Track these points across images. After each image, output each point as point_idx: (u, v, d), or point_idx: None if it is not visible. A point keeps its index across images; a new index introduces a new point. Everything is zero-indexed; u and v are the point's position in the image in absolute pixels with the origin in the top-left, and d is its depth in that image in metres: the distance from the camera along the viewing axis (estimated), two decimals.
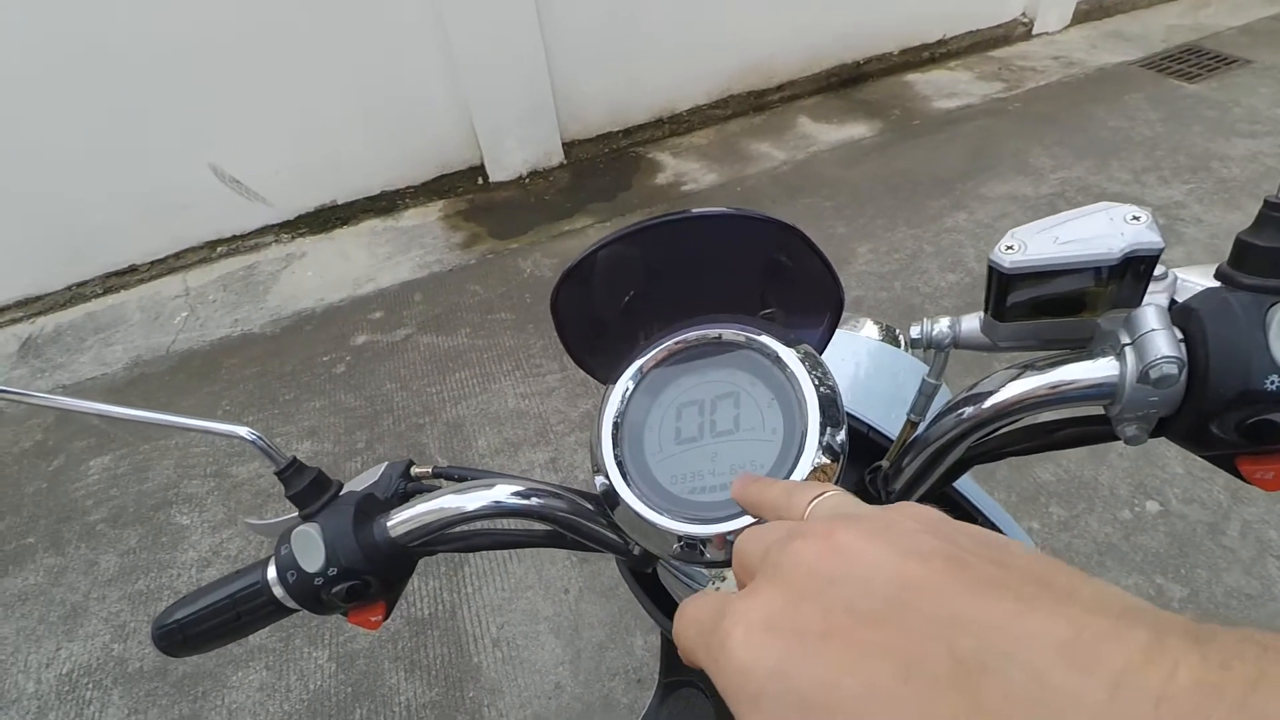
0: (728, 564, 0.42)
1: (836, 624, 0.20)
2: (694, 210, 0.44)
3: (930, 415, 0.48)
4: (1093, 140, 3.44)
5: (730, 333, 0.44)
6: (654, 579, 0.62)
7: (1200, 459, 0.39)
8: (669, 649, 0.87)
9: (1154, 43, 4.46)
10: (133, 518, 2.10)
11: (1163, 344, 0.35)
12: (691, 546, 0.40)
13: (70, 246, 3.05)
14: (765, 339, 0.43)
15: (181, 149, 3.02)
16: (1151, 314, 0.36)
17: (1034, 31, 4.65)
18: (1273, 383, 0.33)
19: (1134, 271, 0.37)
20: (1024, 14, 4.65)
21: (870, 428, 0.61)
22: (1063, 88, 4.02)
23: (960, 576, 0.20)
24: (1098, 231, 0.37)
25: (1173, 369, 0.34)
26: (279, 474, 0.49)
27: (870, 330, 0.95)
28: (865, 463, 0.54)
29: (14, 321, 3.03)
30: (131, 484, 2.21)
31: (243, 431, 0.48)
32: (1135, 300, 0.38)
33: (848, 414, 0.60)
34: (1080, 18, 4.77)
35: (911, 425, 0.53)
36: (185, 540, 2.02)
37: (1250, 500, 1.79)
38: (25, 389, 0.48)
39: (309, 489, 0.49)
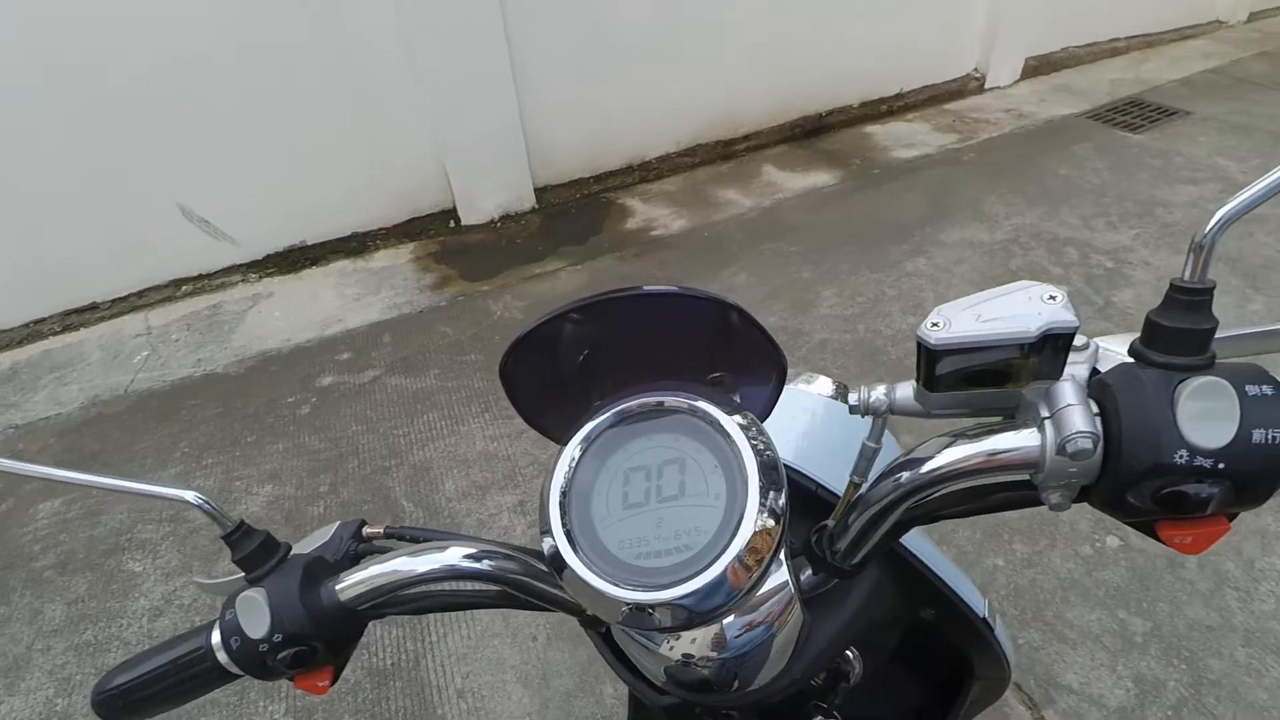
0: (676, 629, 0.42)
1: None
2: (644, 288, 0.45)
3: (872, 476, 0.49)
4: (1044, 188, 3.59)
5: (672, 400, 0.44)
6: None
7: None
8: (637, 704, 0.86)
9: (1099, 95, 4.69)
10: (82, 564, 2.03)
11: (1078, 419, 0.36)
12: (640, 611, 0.39)
13: (29, 283, 2.98)
14: (706, 406, 0.43)
15: (149, 187, 3.00)
16: (1069, 389, 0.38)
17: (986, 85, 4.86)
18: (1181, 456, 0.35)
19: (1052, 346, 0.39)
20: (976, 69, 4.87)
21: (819, 485, 0.62)
22: (1014, 138, 4.20)
23: None
24: (1017, 310, 0.39)
25: (1088, 444, 0.36)
26: (225, 538, 0.49)
27: (823, 386, 0.96)
28: (814, 519, 0.54)
29: None
30: (82, 529, 2.13)
31: (188, 495, 0.48)
32: (1056, 372, 0.40)
33: (798, 472, 0.62)
34: (1029, 72, 5.01)
35: (854, 486, 0.54)
36: (137, 588, 1.95)
37: None
38: None
39: (256, 552, 0.49)
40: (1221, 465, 0.34)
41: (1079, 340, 0.42)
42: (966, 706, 0.72)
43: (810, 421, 0.76)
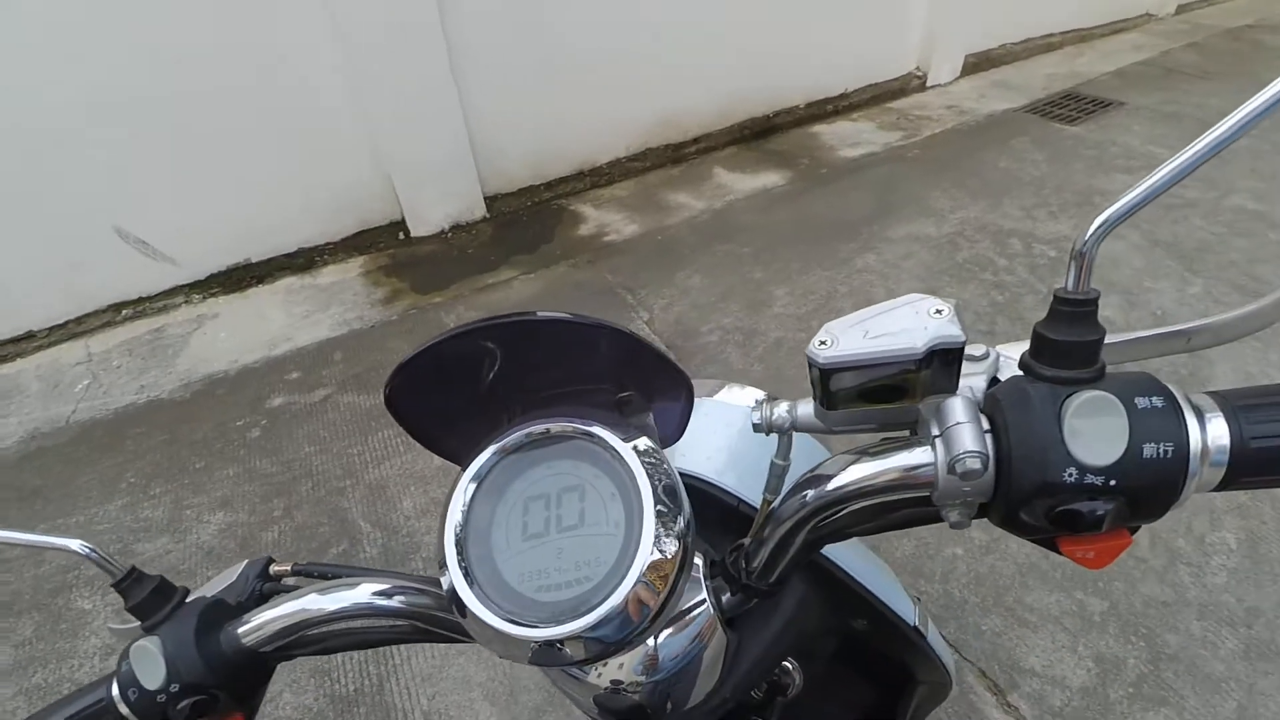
0: (588, 662, 0.41)
1: None
2: (538, 314, 0.43)
3: (782, 494, 0.48)
4: (986, 182, 3.68)
5: (559, 426, 0.43)
6: None
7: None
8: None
9: (1036, 90, 4.83)
10: (29, 604, 1.95)
11: (967, 438, 0.35)
12: (548, 648, 0.38)
13: None
14: (599, 431, 0.42)
15: (83, 209, 2.89)
16: (958, 406, 0.37)
17: (928, 84, 4.97)
18: (1070, 475, 0.34)
19: (941, 360, 0.39)
20: (918, 68, 4.98)
21: (740, 500, 0.61)
22: (956, 134, 4.30)
23: None
24: (904, 325, 0.39)
25: (976, 464, 0.35)
26: (115, 586, 0.48)
27: (747, 397, 0.96)
28: (737, 534, 0.52)
29: None
30: (27, 568, 2.05)
31: (74, 545, 0.47)
32: (950, 386, 0.40)
33: (718, 487, 0.61)
34: (969, 69, 5.13)
35: (766, 503, 0.54)
36: (87, 626, 1.88)
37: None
38: None
39: (150, 598, 0.48)
40: (1113, 482, 0.33)
41: (978, 350, 0.42)
42: (914, 708, 0.73)
43: (732, 435, 0.76)
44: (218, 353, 2.89)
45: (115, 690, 0.45)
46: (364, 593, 0.47)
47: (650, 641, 0.46)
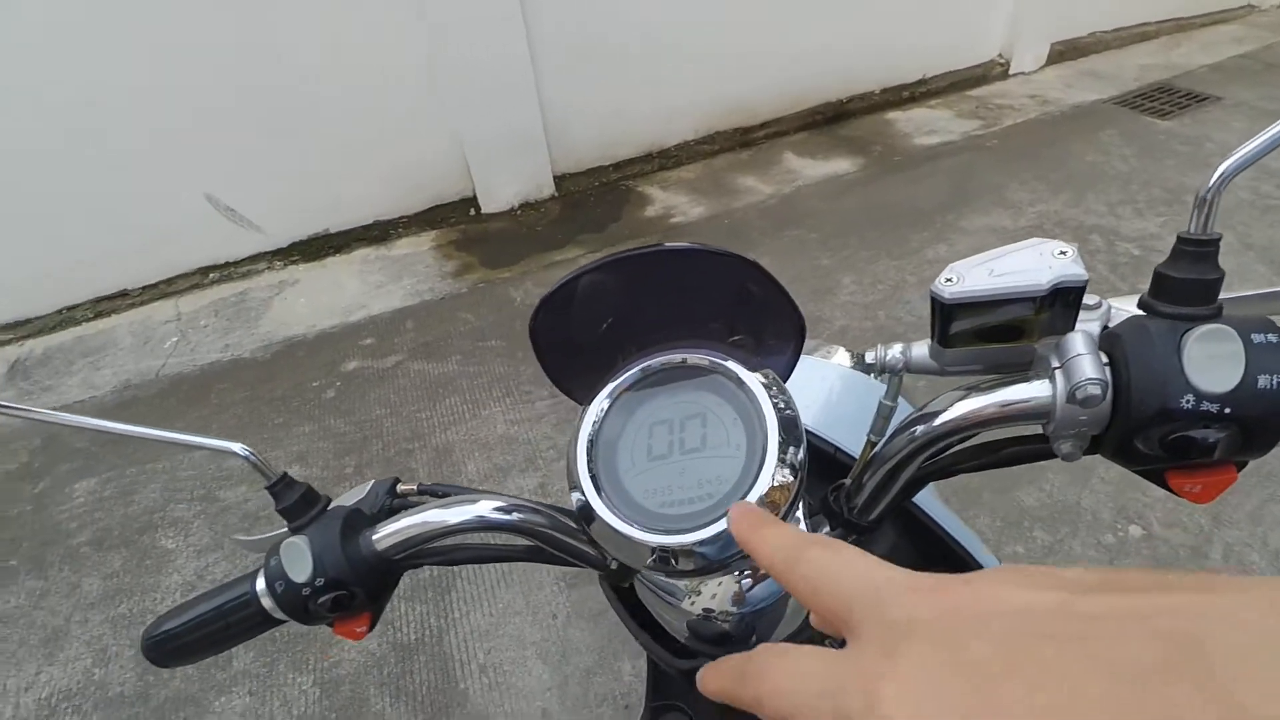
0: (697, 574, 0.44)
1: (1015, 655, 0.18)
2: (665, 245, 0.46)
3: (887, 435, 0.50)
4: (1069, 175, 3.55)
5: (696, 358, 0.46)
6: (638, 599, 0.63)
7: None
8: (656, 672, 0.88)
9: (1127, 81, 4.61)
10: (118, 541, 2.09)
11: (1088, 367, 0.38)
12: (664, 558, 0.41)
13: (61, 270, 3.06)
14: (729, 364, 0.45)
15: (178, 177, 3.06)
16: (1079, 340, 0.39)
17: (1010, 71, 4.80)
18: (1188, 401, 0.36)
19: (1063, 301, 0.40)
20: (1000, 55, 4.81)
21: (836, 448, 0.64)
22: (1039, 125, 4.14)
23: (1115, 585, 0.20)
24: (1028, 265, 0.41)
25: (1096, 390, 0.37)
26: (269, 488, 0.51)
27: (842, 358, 0.98)
28: (831, 481, 0.56)
29: (2, 344, 3.02)
30: (117, 507, 2.19)
31: (236, 447, 0.50)
32: (1067, 327, 0.41)
33: (816, 435, 0.63)
34: (1055, 58, 4.93)
35: (871, 444, 0.56)
36: (170, 564, 2.01)
37: (1232, 524, 1.82)
38: (21, 404, 0.49)
39: (298, 503, 0.51)
40: (1228, 410, 0.35)
41: (1091, 299, 0.43)
42: None
43: (829, 390, 0.78)
44: (297, 317, 3.02)
45: (260, 584, 0.49)
46: (484, 508, 0.50)
47: (747, 576, 0.49)
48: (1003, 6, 4.60)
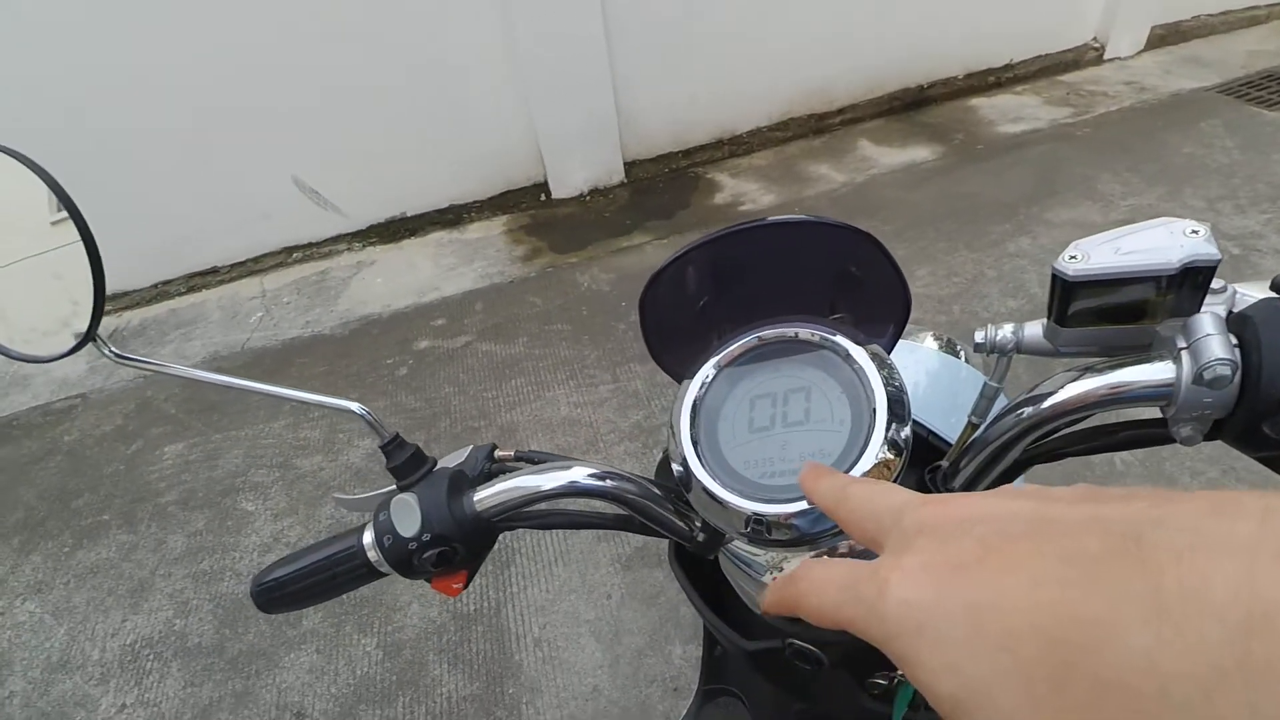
0: (788, 545, 0.44)
1: (991, 547, 0.22)
2: (772, 218, 0.47)
3: (990, 417, 0.50)
4: (1165, 167, 3.34)
5: (806, 332, 0.47)
6: (704, 581, 0.64)
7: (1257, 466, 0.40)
8: (710, 656, 0.88)
9: (1233, 68, 4.31)
10: (202, 502, 2.22)
11: (1217, 347, 0.36)
12: (760, 526, 0.42)
13: (157, 248, 3.25)
14: (838, 339, 0.45)
15: (267, 161, 3.20)
16: (1208, 320, 0.38)
17: (1105, 56, 4.55)
18: None
19: (1192, 282, 0.39)
20: (1095, 38, 4.56)
21: (930, 432, 0.63)
22: (1135, 113, 3.92)
23: (1091, 498, 0.22)
24: (1158, 243, 0.39)
25: (1226, 370, 0.36)
26: (383, 447, 0.54)
27: (931, 343, 0.97)
28: (923, 465, 0.55)
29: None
30: (202, 470, 2.32)
31: (354, 406, 0.53)
32: (1193, 309, 0.40)
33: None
34: (1155, 42, 4.64)
35: (972, 426, 0.55)
36: (249, 525, 2.11)
37: None
38: (149, 357, 0.52)
39: (408, 462, 0.53)
40: None
41: (1217, 284, 0.41)
42: None
43: (919, 373, 0.76)
44: (373, 296, 3.12)
45: (369, 538, 0.51)
46: (578, 474, 0.51)
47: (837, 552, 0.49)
48: None
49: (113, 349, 0.51)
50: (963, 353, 1.01)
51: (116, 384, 2.76)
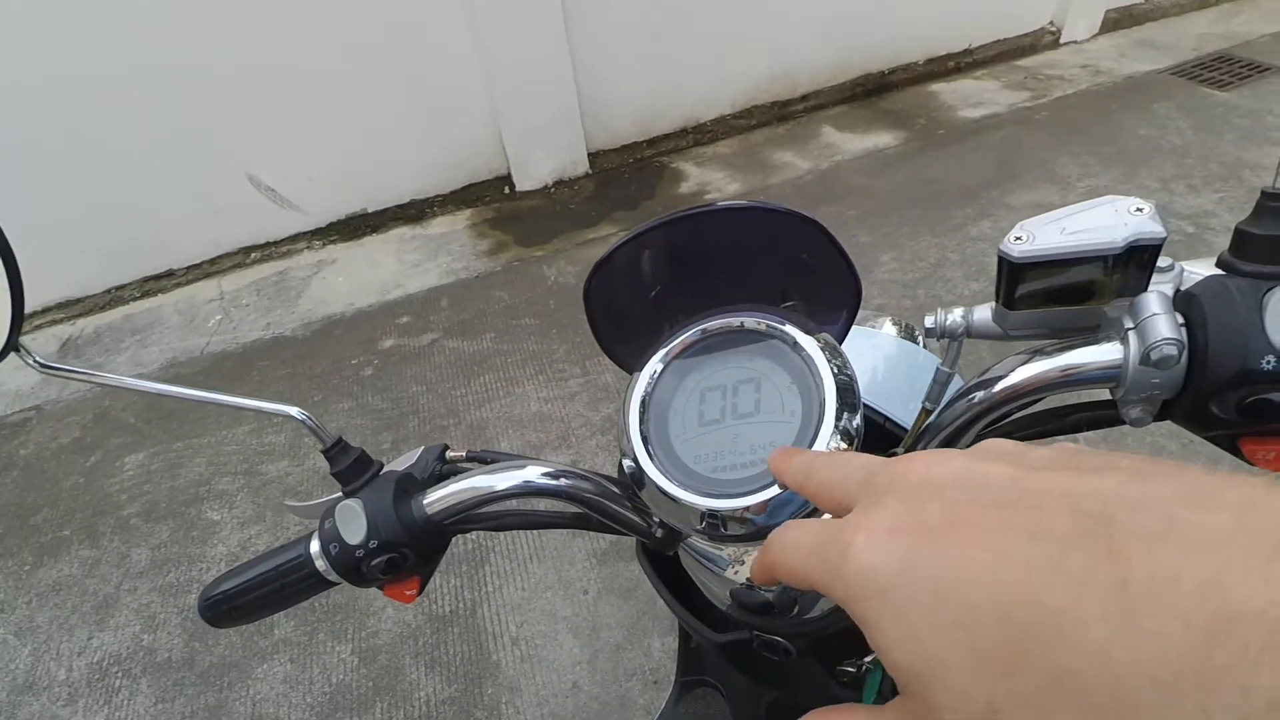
0: (745, 539, 0.43)
1: (959, 515, 0.21)
2: (720, 203, 0.46)
3: (944, 402, 0.49)
4: (1121, 149, 3.41)
5: (752, 321, 0.46)
6: (674, 573, 0.63)
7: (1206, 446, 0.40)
8: (687, 648, 0.88)
9: (1185, 50, 4.41)
10: (165, 512, 2.16)
11: (1163, 327, 0.36)
12: (715, 521, 0.41)
13: (111, 251, 3.14)
14: (786, 327, 0.45)
15: (220, 158, 3.11)
16: (1154, 300, 0.38)
17: (1062, 40, 4.62)
18: (1269, 362, 0.34)
19: (1138, 261, 0.38)
20: (1052, 23, 4.63)
21: (886, 418, 0.63)
22: (1091, 96, 3.99)
23: (1069, 465, 0.22)
24: (1103, 223, 0.38)
25: (1172, 350, 0.36)
26: (325, 452, 0.52)
27: (889, 328, 0.97)
28: (880, 451, 0.55)
29: (55, 323, 3.13)
30: (164, 480, 2.27)
31: (293, 411, 0.50)
32: (1140, 289, 0.39)
33: (865, 404, 0.62)
34: (1109, 26, 4.73)
35: (926, 412, 0.55)
36: (215, 535, 2.07)
37: None
38: (90, 369, 0.50)
39: (352, 467, 0.52)
40: None
41: (1164, 262, 0.41)
42: None
43: (877, 359, 0.76)
44: (335, 296, 3.06)
45: (315, 546, 0.50)
46: (532, 474, 0.50)
47: None
48: None
49: (37, 358, 0.48)
50: (921, 338, 1.02)
51: (73, 395, 2.68)
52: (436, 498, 0.50)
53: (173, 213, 3.16)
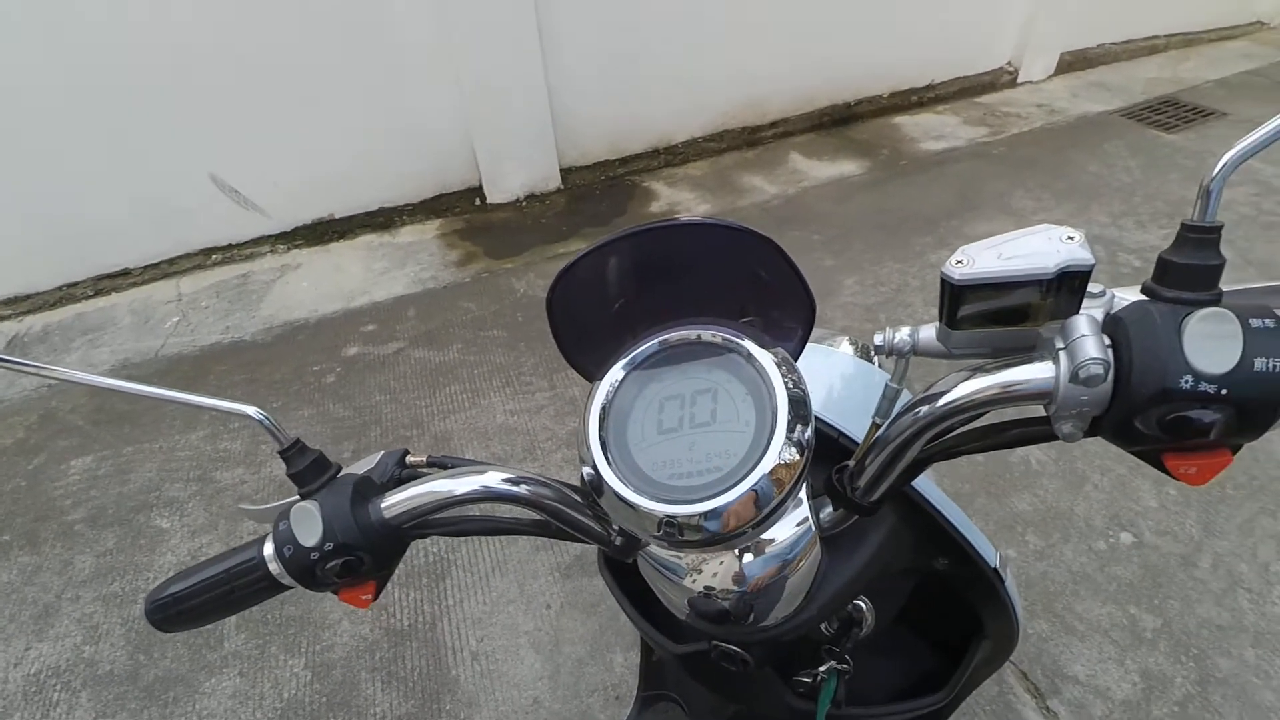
0: (702, 545, 0.44)
1: None
2: (682, 218, 0.48)
3: (892, 416, 0.51)
4: (1073, 185, 3.55)
5: (710, 335, 0.47)
6: (636, 587, 0.64)
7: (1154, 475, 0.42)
8: (648, 662, 0.88)
9: (1134, 94, 4.62)
10: (112, 519, 2.09)
11: (1091, 348, 0.38)
12: (672, 528, 0.42)
13: (62, 246, 3.05)
14: (743, 342, 0.46)
15: (183, 157, 3.05)
16: (1083, 322, 0.40)
17: (1019, 80, 4.80)
18: (1186, 381, 0.36)
19: (1069, 286, 0.41)
20: (1010, 63, 4.81)
21: (840, 433, 0.64)
22: (1045, 134, 4.15)
23: None
24: (1036, 249, 0.41)
25: (1099, 369, 0.38)
26: (282, 453, 0.51)
27: (846, 348, 1.00)
28: (834, 465, 0.56)
29: (1, 319, 3.01)
30: (112, 485, 2.19)
31: (250, 410, 0.50)
32: (1072, 312, 0.42)
33: (821, 419, 0.64)
34: (1064, 68, 4.94)
35: (876, 426, 0.57)
36: (164, 543, 2.00)
37: (1222, 534, 1.82)
38: (29, 360, 0.48)
39: (310, 469, 0.51)
40: (1224, 391, 0.36)
41: (1096, 288, 0.43)
42: (973, 669, 0.73)
43: (834, 377, 0.79)
44: (299, 301, 3.01)
45: (269, 549, 0.49)
46: (491, 479, 0.50)
47: (748, 555, 0.49)
48: (1014, 15, 4.60)
49: None
50: (876, 359, 1.05)
51: (18, 393, 2.58)
52: (395, 501, 0.50)
53: (130, 210, 3.08)
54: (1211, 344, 0.36)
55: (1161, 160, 3.75)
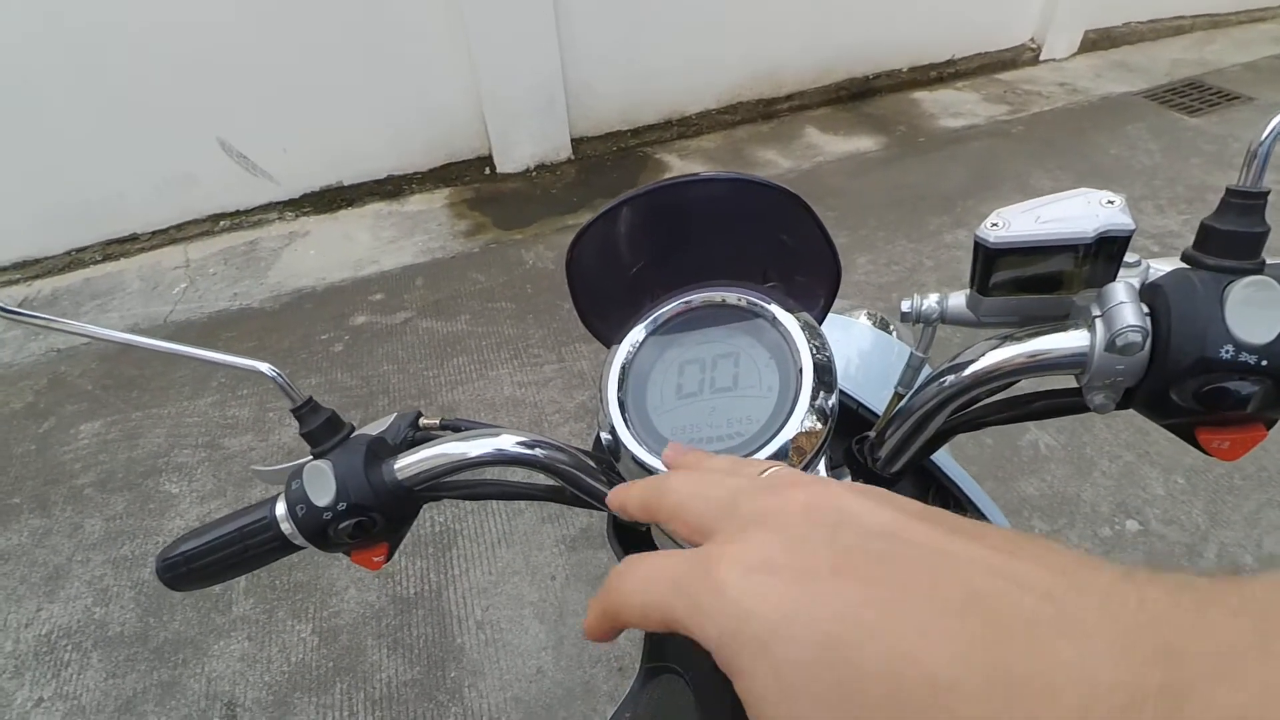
0: None
1: (848, 563, 0.21)
2: (705, 173, 0.46)
3: (915, 387, 0.50)
4: (1093, 166, 3.49)
5: (734, 297, 0.46)
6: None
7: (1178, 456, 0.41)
8: (652, 635, 0.88)
9: (1158, 75, 4.52)
10: (121, 484, 2.10)
11: (1129, 315, 0.37)
12: None
13: (71, 212, 3.04)
14: (768, 305, 0.45)
15: (191, 122, 3.02)
16: (1121, 289, 0.39)
17: (1041, 57, 4.70)
18: (1227, 351, 0.35)
19: (1107, 252, 0.40)
20: (1032, 40, 4.71)
21: (859, 404, 0.63)
22: (1066, 113, 4.07)
23: (939, 527, 0.22)
24: (1075, 213, 0.40)
25: (1137, 337, 0.37)
26: (295, 411, 0.51)
27: (864, 320, 0.99)
28: (851, 436, 0.55)
29: (10, 284, 3.02)
30: (121, 450, 2.20)
31: (263, 367, 0.49)
32: (1108, 279, 0.41)
33: (840, 390, 0.63)
34: (1088, 46, 4.83)
35: (898, 396, 0.55)
36: (173, 508, 2.02)
37: (1229, 524, 1.81)
38: (45, 315, 0.47)
39: (323, 428, 0.50)
40: (1265, 362, 0.35)
41: (1131, 258, 0.42)
42: None
43: (853, 347, 0.78)
44: (307, 269, 3.00)
45: (281, 509, 0.48)
46: (506, 442, 0.49)
47: None
48: None
49: None
50: (895, 330, 1.04)
51: (27, 358, 2.59)
52: (408, 462, 0.49)
53: (138, 175, 3.06)
54: (1254, 313, 0.35)
55: (1184, 144, 3.68)
